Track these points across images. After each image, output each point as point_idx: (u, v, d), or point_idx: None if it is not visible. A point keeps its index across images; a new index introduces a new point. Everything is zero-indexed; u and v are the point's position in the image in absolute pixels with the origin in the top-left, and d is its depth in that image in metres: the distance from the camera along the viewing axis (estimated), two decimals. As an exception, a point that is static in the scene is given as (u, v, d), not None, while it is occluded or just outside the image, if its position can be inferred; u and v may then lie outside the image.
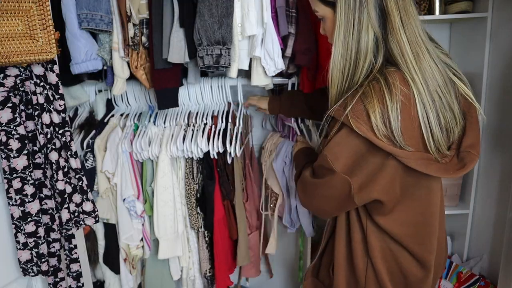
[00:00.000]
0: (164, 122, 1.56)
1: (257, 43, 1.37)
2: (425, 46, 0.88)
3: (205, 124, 1.55)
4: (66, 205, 1.15)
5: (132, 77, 1.45)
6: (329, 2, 0.91)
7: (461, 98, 0.92)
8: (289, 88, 1.62)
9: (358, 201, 0.90)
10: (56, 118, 1.12)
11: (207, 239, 1.64)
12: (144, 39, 1.38)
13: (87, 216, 1.24)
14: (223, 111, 1.60)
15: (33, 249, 1.13)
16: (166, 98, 1.48)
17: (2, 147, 1.05)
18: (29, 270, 1.14)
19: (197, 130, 1.52)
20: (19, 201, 1.09)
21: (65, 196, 1.14)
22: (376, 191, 0.88)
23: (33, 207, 1.11)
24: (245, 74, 1.59)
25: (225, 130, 1.54)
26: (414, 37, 0.86)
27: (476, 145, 0.91)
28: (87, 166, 1.47)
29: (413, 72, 0.84)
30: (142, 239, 1.59)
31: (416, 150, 0.84)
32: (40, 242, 1.13)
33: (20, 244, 1.12)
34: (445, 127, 0.87)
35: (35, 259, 1.13)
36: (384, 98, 0.81)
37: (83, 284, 1.24)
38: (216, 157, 1.52)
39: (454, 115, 0.89)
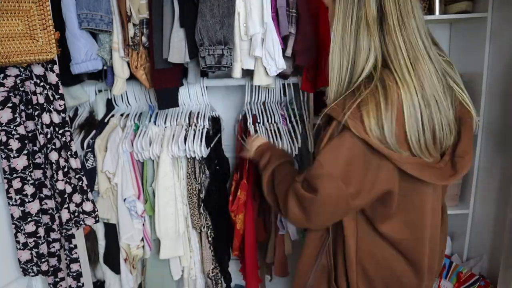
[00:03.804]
0: (165, 122, 1.56)
1: (257, 43, 1.37)
2: (426, 52, 0.85)
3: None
4: (66, 205, 1.15)
5: (132, 77, 1.45)
6: None
7: (457, 104, 0.91)
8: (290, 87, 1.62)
9: (354, 208, 0.89)
10: (56, 118, 1.12)
11: (210, 239, 1.64)
12: (144, 39, 1.38)
13: (87, 216, 1.24)
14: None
15: (33, 249, 1.13)
16: (166, 98, 1.48)
17: (2, 147, 1.05)
18: (29, 270, 1.14)
19: (199, 130, 1.52)
20: (19, 201, 1.09)
21: (65, 196, 1.14)
22: (370, 196, 0.86)
23: (33, 207, 1.11)
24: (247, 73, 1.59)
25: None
26: (413, 39, 0.83)
27: (469, 152, 0.90)
28: (88, 166, 1.47)
29: (405, 73, 0.82)
30: (142, 239, 1.59)
31: (411, 155, 0.83)
32: (40, 242, 1.13)
33: (20, 244, 1.12)
34: (438, 133, 0.86)
35: (35, 259, 1.13)
36: (379, 105, 0.80)
37: (83, 284, 1.24)
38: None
39: (448, 122, 0.88)
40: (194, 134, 1.50)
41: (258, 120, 1.62)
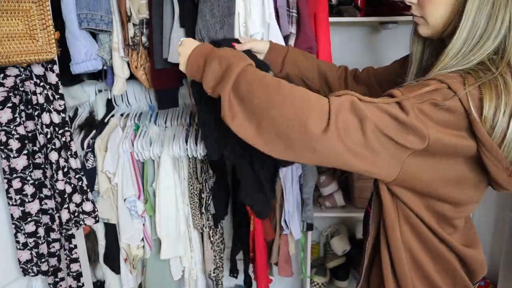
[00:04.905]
0: (165, 122, 1.56)
1: (257, 43, 1.37)
2: None
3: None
4: (66, 205, 1.15)
5: (132, 77, 1.45)
6: None
7: None
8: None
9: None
10: (56, 118, 1.12)
11: (212, 239, 1.64)
12: (144, 39, 1.38)
13: (87, 216, 1.24)
14: None
15: (33, 249, 1.13)
16: (166, 98, 1.48)
17: (2, 147, 1.05)
18: (29, 270, 1.14)
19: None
20: (19, 201, 1.09)
21: (65, 196, 1.14)
22: (444, 186, 0.80)
23: (33, 207, 1.11)
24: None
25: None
26: None
27: None
28: (88, 166, 1.47)
29: None
30: (142, 239, 1.59)
31: None
32: (40, 242, 1.13)
33: (20, 244, 1.12)
34: None
35: (35, 259, 1.13)
36: (500, 97, 0.72)
37: (83, 284, 1.24)
38: None
39: None
40: (196, 134, 1.49)
41: None
